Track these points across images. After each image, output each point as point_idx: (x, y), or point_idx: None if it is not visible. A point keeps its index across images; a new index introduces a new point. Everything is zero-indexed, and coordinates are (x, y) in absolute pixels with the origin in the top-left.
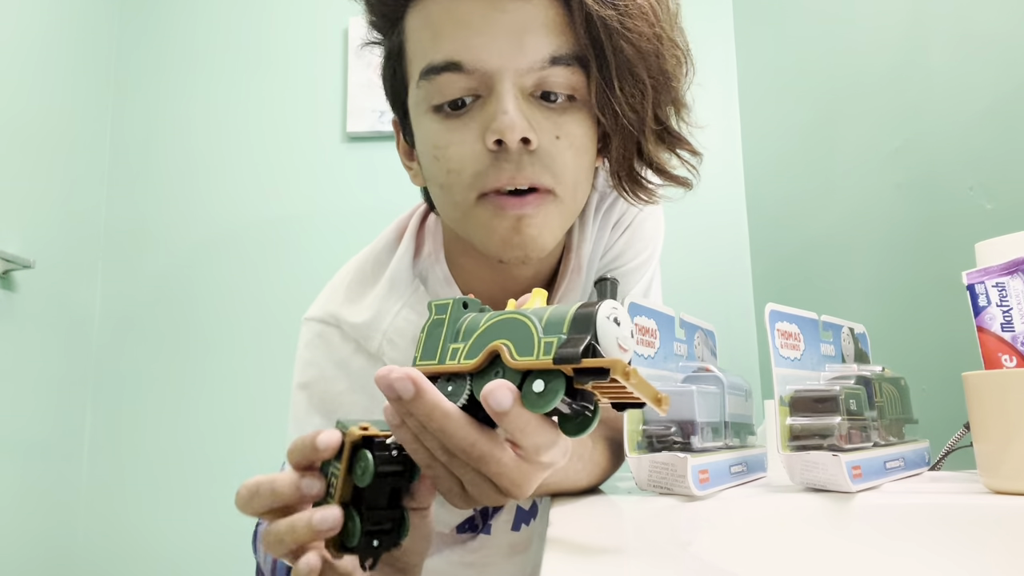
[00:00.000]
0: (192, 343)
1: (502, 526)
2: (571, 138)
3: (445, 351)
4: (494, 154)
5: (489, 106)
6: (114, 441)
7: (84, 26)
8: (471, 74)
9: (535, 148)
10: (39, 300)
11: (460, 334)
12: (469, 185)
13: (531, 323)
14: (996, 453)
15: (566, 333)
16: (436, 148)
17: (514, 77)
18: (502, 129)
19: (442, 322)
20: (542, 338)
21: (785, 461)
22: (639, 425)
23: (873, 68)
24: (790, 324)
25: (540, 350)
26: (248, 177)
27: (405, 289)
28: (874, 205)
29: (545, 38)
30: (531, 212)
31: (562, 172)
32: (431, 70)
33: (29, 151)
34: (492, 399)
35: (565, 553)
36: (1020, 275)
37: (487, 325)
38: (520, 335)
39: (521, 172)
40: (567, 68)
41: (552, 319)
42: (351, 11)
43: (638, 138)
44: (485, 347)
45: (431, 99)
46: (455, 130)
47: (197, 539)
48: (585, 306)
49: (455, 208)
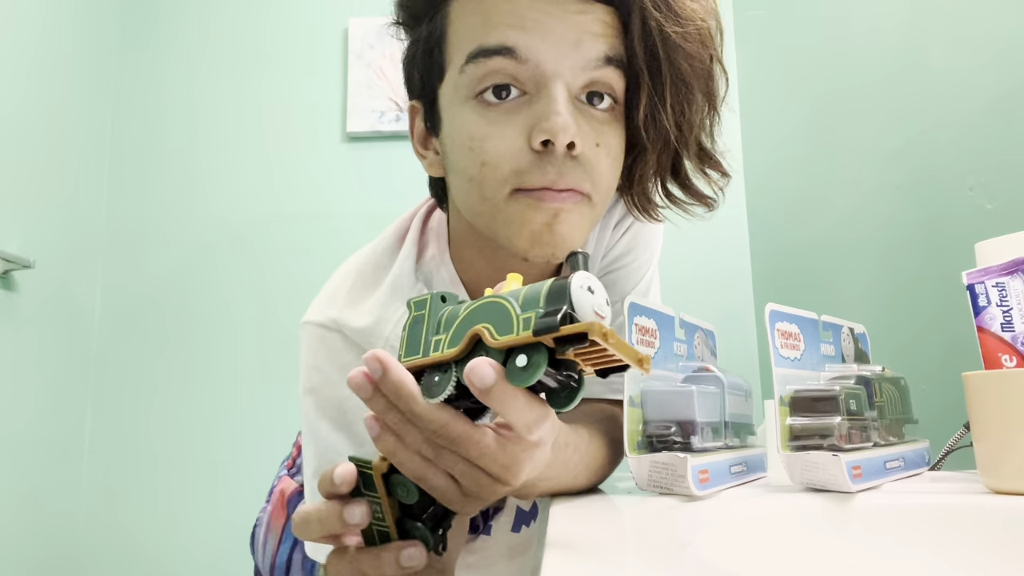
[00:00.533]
0: (192, 343)
1: (502, 527)
2: (609, 147)
3: (428, 344)
4: (537, 154)
5: (537, 105)
6: (114, 441)
7: (84, 26)
8: (523, 64)
9: (578, 153)
10: (39, 300)
11: (440, 326)
12: (504, 180)
13: (508, 303)
14: (996, 453)
15: (543, 307)
16: (472, 139)
17: (567, 77)
18: (554, 131)
19: (422, 318)
20: (520, 315)
21: (785, 461)
22: (639, 425)
23: (873, 68)
24: (790, 324)
25: (519, 326)
26: (248, 177)
27: (408, 293)
28: (874, 205)
29: (601, 40)
30: (568, 208)
31: (599, 179)
32: (482, 52)
33: (29, 151)
34: (475, 376)
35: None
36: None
37: (467, 313)
38: (499, 316)
39: (563, 177)
40: (617, 69)
41: (528, 296)
42: (351, 11)
43: (677, 155)
44: (465, 332)
45: (474, 85)
46: (495, 123)
47: (197, 538)
48: (559, 279)
49: (483, 202)
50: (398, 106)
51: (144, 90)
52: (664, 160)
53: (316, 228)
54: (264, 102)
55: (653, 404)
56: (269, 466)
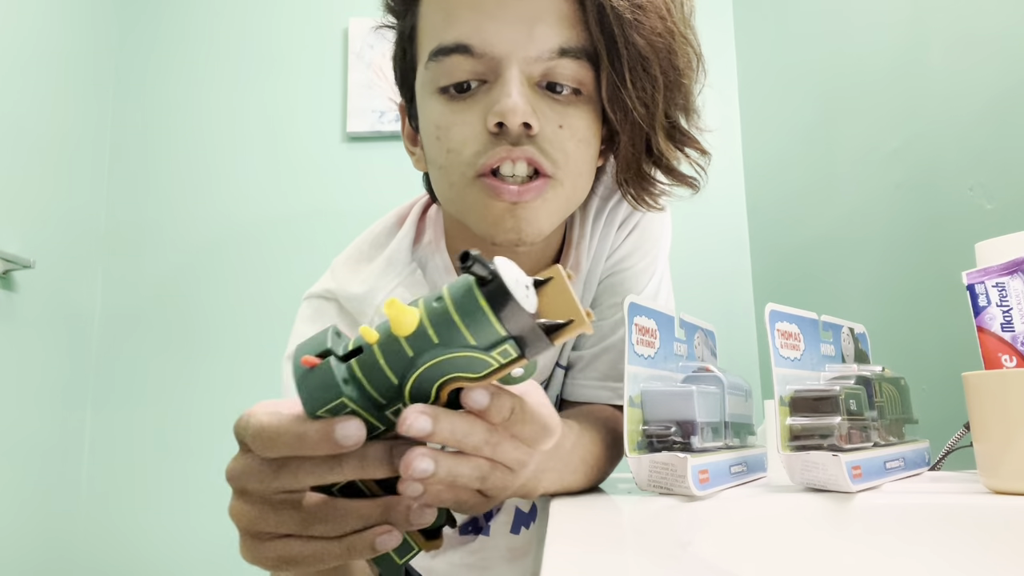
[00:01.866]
0: (192, 343)
1: (500, 528)
2: (574, 129)
3: (384, 419)
4: (494, 136)
5: (494, 91)
6: (114, 442)
7: (84, 26)
8: (479, 58)
9: (536, 133)
10: (39, 300)
11: (380, 399)
12: (467, 164)
13: (463, 352)
14: (996, 453)
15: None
16: (438, 128)
17: (521, 64)
18: (504, 112)
19: (343, 405)
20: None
21: (785, 461)
22: (639, 425)
23: (873, 68)
24: (790, 324)
25: (498, 359)
26: (248, 177)
27: (403, 269)
28: (874, 205)
29: (556, 29)
30: (529, 198)
31: (562, 160)
32: (440, 51)
33: (29, 151)
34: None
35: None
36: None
37: (413, 380)
38: (463, 364)
39: (518, 148)
40: (575, 61)
41: (475, 330)
42: (351, 11)
43: (647, 134)
44: (433, 391)
45: (438, 80)
46: (458, 112)
47: (198, 540)
48: (493, 296)
49: (451, 188)
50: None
51: (144, 90)
52: (637, 143)
53: (316, 228)
54: (264, 102)
55: (653, 404)
56: None
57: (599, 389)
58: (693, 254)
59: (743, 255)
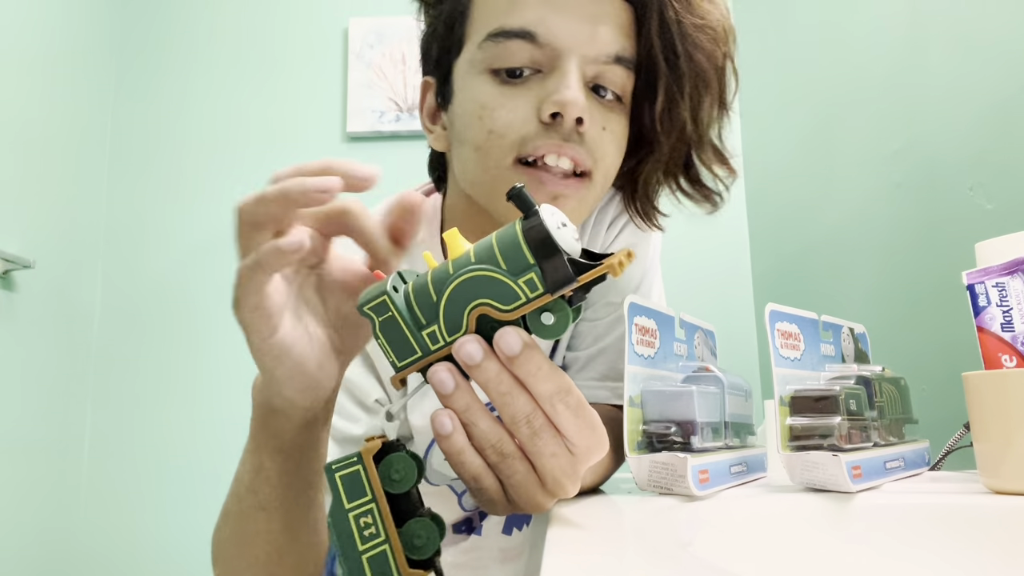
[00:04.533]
0: (192, 343)
1: (493, 528)
2: (614, 134)
3: (420, 341)
4: (546, 125)
5: (550, 80)
6: (114, 441)
7: (84, 26)
8: (541, 47)
9: (584, 131)
10: (39, 300)
11: (422, 316)
12: (509, 148)
13: (494, 272)
14: (996, 453)
15: (533, 262)
16: (483, 108)
17: (580, 61)
18: (564, 103)
19: (392, 319)
20: (517, 279)
21: (785, 461)
22: (639, 425)
23: (873, 69)
24: (790, 324)
25: (525, 291)
26: (249, 177)
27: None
28: (874, 206)
29: (615, 35)
30: (569, 194)
31: (602, 160)
32: (502, 33)
33: (29, 151)
34: (503, 342)
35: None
36: (1020, 275)
37: (448, 295)
38: (493, 288)
39: (567, 144)
40: (626, 70)
41: (507, 255)
42: (351, 11)
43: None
44: (464, 315)
45: (492, 61)
46: (508, 96)
47: (198, 539)
48: (530, 227)
49: (486, 171)
50: (398, 106)
51: (144, 90)
52: (677, 155)
53: None
54: (264, 102)
55: (653, 404)
56: None
57: (598, 389)
58: (693, 254)
59: (743, 255)
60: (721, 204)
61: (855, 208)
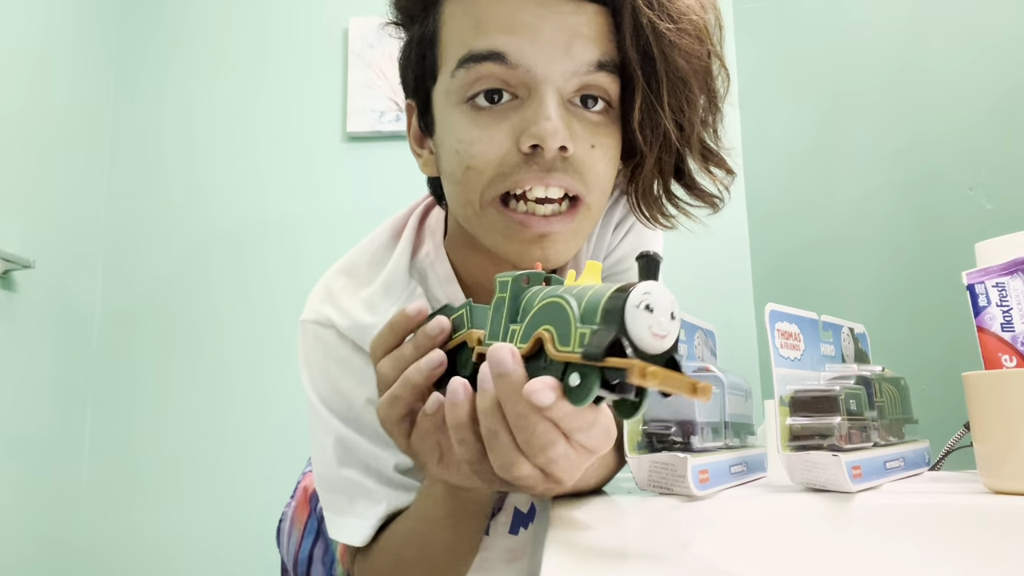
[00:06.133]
0: (192, 343)
1: (499, 528)
2: (604, 148)
3: (506, 331)
4: (526, 157)
5: (527, 109)
6: (114, 441)
7: (84, 26)
8: (513, 69)
9: (570, 155)
10: (39, 300)
11: (519, 312)
12: (489, 184)
13: (571, 310)
14: (996, 453)
15: (598, 323)
16: (460, 143)
17: (558, 82)
18: (543, 135)
19: (503, 301)
20: (579, 328)
21: (785, 461)
22: (639, 425)
23: (873, 68)
24: (790, 324)
25: (576, 341)
26: (248, 177)
27: (401, 291)
28: (874, 205)
29: (593, 43)
30: (557, 230)
31: (594, 181)
32: (471, 58)
33: (29, 151)
34: (533, 396)
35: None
36: (1020, 275)
37: (538, 307)
38: (562, 322)
39: (552, 175)
40: (610, 75)
41: (589, 306)
42: (351, 11)
43: (679, 155)
44: (533, 333)
45: (465, 90)
46: (485, 127)
47: (198, 539)
48: (618, 292)
49: (467, 206)
50: (398, 106)
51: (144, 90)
52: (666, 162)
53: (316, 228)
54: (264, 102)
55: (653, 404)
56: (269, 465)
57: None
58: (694, 254)
59: (743, 255)
60: (722, 206)
61: (855, 208)
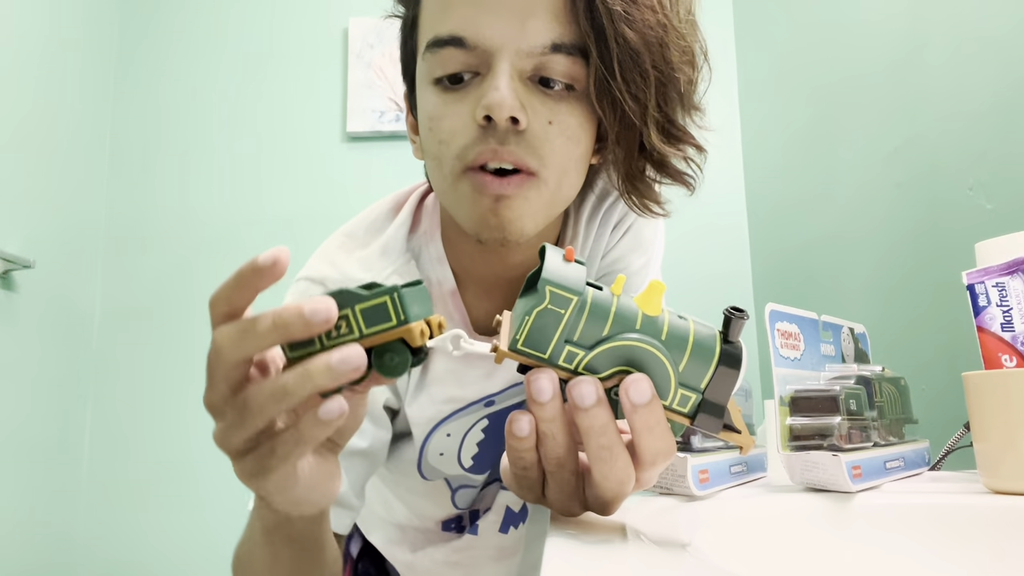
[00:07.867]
0: (192, 342)
1: (489, 527)
2: (564, 126)
3: (559, 349)
4: (482, 129)
5: (485, 83)
6: (114, 441)
7: (84, 26)
8: (472, 50)
9: (524, 129)
10: (39, 300)
11: (581, 336)
12: (456, 156)
13: (670, 366)
14: (996, 453)
15: (703, 388)
16: (431, 119)
17: (512, 58)
18: (491, 105)
19: (560, 316)
20: (679, 389)
21: (785, 461)
22: None
23: (873, 67)
24: (790, 324)
25: (676, 399)
26: (248, 177)
27: (397, 257)
28: (874, 205)
29: (549, 24)
30: (511, 193)
31: (549, 156)
32: (436, 42)
33: (29, 151)
34: (646, 452)
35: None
36: (1020, 275)
37: (621, 343)
38: (657, 373)
39: (505, 148)
40: (568, 57)
41: (690, 369)
42: (351, 11)
43: (640, 130)
44: (615, 366)
45: (433, 72)
46: (451, 103)
47: (197, 539)
48: (726, 365)
49: (443, 180)
50: (398, 106)
51: (144, 90)
52: (629, 138)
53: (316, 228)
54: (264, 102)
55: None
56: None
57: None
58: (693, 254)
59: (743, 255)
60: (696, 185)
61: (855, 208)
